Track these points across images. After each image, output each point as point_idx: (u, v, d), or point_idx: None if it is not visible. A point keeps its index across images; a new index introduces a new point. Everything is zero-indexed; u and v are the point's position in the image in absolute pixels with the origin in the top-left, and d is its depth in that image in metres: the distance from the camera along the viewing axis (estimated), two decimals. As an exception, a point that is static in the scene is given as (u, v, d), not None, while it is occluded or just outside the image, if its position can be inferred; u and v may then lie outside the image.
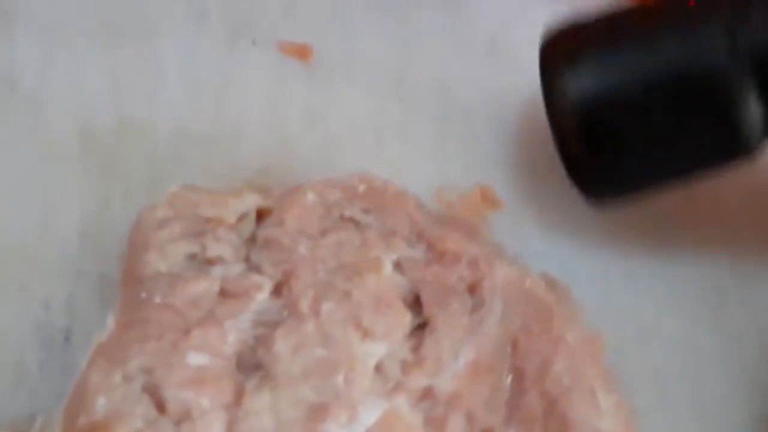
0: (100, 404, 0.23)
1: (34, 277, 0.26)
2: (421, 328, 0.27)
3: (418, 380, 0.26)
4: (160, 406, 0.23)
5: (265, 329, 0.25)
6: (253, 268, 0.26)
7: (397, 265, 0.28)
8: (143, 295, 0.25)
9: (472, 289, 0.28)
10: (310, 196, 0.28)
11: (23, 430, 0.23)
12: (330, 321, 0.26)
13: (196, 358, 0.24)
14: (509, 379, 0.26)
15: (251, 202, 0.28)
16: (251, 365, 0.25)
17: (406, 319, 0.27)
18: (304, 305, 0.26)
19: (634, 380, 0.27)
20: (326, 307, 0.26)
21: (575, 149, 0.29)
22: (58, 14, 0.30)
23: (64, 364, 0.25)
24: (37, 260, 0.26)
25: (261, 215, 0.28)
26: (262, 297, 0.26)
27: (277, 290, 0.26)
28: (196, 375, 0.24)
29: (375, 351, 0.26)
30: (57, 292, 0.26)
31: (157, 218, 0.26)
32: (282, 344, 0.25)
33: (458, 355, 0.26)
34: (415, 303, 0.27)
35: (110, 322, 0.24)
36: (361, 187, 0.29)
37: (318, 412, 0.24)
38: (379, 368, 0.26)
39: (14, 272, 0.26)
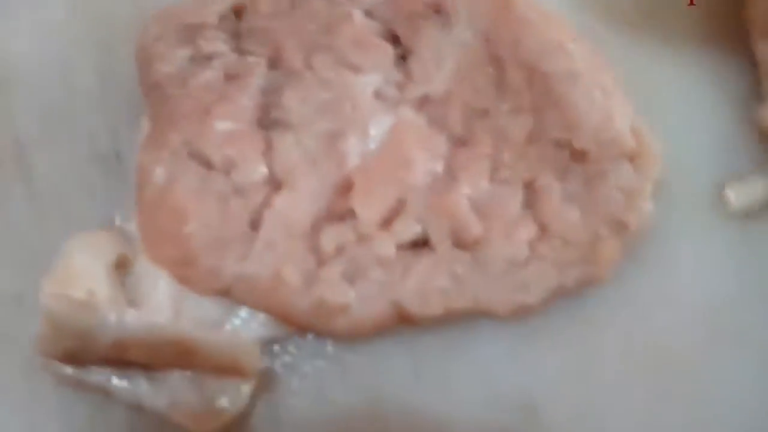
0: (158, 175, 0.27)
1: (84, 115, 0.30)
2: (404, 58, 0.31)
3: (414, 91, 0.29)
4: (208, 165, 0.27)
5: (273, 95, 0.29)
6: (246, 53, 0.30)
7: (368, 13, 0.31)
8: (163, 95, 0.29)
9: (437, 8, 0.31)
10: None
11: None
12: (323, 69, 0.30)
13: (223, 125, 0.28)
14: (490, 67, 0.30)
15: (227, 2, 0.31)
16: (270, 123, 0.29)
17: (388, 51, 0.30)
18: (298, 63, 0.30)
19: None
20: (316, 59, 0.30)
21: None
22: None
23: (121, 179, 0.29)
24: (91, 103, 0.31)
25: (238, 14, 0.31)
26: (261, 71, 0.30)
27: (272, 64, 0.30)
28: (228, 136, 0.28)
29: (369, 81, 0.29)
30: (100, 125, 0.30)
31: (151, 36, 0.30)
32: (290, 98, 0.29)
33: (441, 64, 0.30)
34: (393, 39, 0.31)
35: (144, 124, 0.29)
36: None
37: (336, 135, 0.28)
38: (377, 94, 0.29)
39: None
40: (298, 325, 0.26)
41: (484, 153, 0.28)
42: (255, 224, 0.27)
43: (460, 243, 0.27)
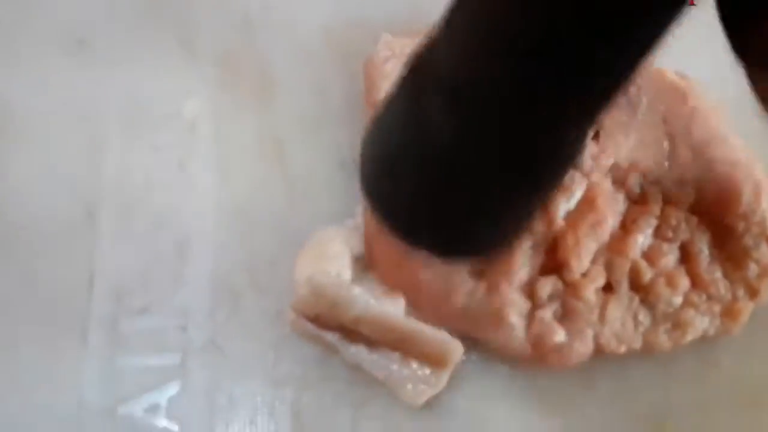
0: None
1: (332, 127, 0.38)
2: (597, 134, 0.37)
3: (605, 161, 0.36)
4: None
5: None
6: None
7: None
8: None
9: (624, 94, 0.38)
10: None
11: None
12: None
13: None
14: (666, 143, 0.37)
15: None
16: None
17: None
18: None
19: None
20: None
21: None
22: None
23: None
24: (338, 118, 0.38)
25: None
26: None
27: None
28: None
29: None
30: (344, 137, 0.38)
31: (381, 57, 0.37)
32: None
33: (628, 137, 0.36)
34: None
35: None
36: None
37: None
38: (576, 165, 0.35)
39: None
40: (515, 357, 0.33)
41: (653, 213, 0.35)
42: (477, 275, 0.33)
43: (634, 285, 0.34)
